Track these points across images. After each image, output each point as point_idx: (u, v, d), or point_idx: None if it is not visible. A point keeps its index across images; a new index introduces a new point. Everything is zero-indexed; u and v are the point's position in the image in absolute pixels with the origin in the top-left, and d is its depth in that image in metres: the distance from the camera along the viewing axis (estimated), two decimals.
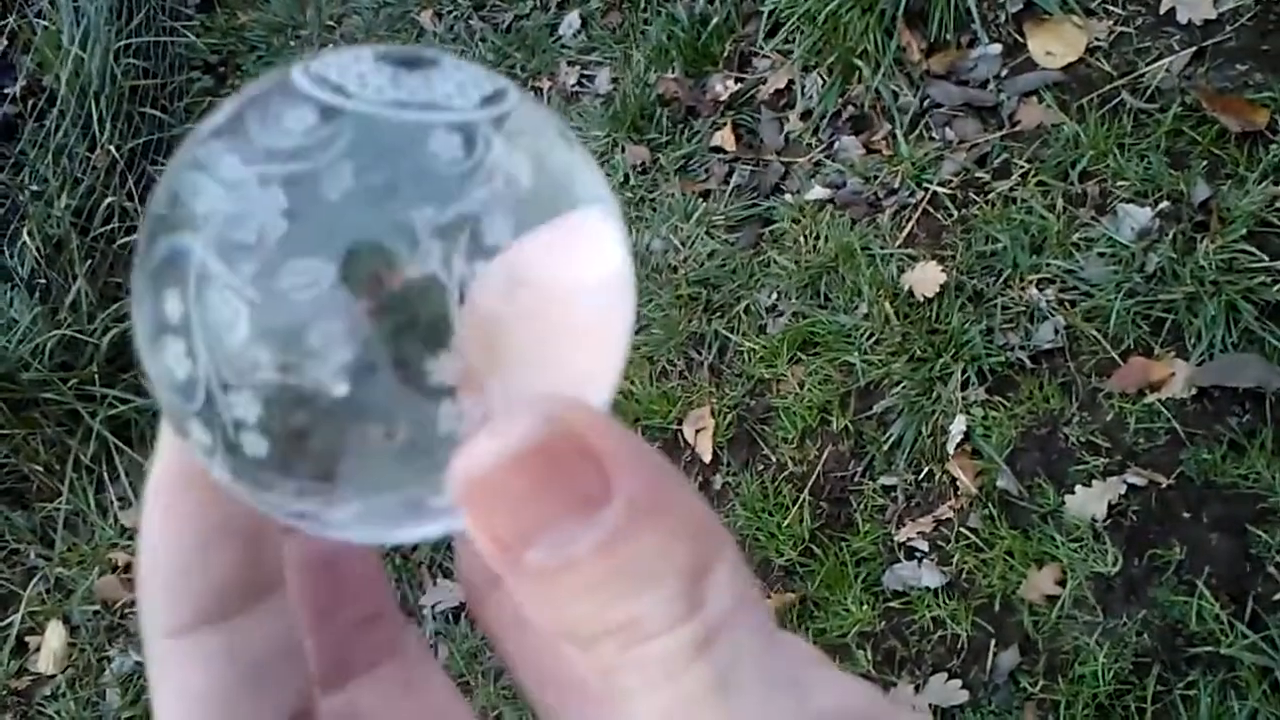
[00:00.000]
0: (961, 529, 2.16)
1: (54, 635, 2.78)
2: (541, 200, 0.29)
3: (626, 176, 2.90)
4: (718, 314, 2.60)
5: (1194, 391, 2.10)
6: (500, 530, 0.26)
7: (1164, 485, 2.06)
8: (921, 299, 2.39)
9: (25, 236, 3.03)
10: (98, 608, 2.78)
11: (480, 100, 0.29)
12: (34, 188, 3.14)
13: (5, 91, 3.36)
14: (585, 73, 3.20)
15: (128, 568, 2.82)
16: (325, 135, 0.27)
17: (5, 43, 3.51)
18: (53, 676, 2.74)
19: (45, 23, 3.44)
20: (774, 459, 2.38)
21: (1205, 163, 2.29)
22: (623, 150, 2.94)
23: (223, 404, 0.27)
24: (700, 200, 2.79)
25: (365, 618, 0.35)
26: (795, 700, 0.27)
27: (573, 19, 3.30)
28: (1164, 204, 2.27)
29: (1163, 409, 2.11)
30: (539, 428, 0.26)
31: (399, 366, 0.27)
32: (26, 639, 2.81)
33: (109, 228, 3.14)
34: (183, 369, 0.28)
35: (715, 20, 2.97)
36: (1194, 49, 2.42)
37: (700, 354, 2.57)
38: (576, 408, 0.27)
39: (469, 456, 0.26)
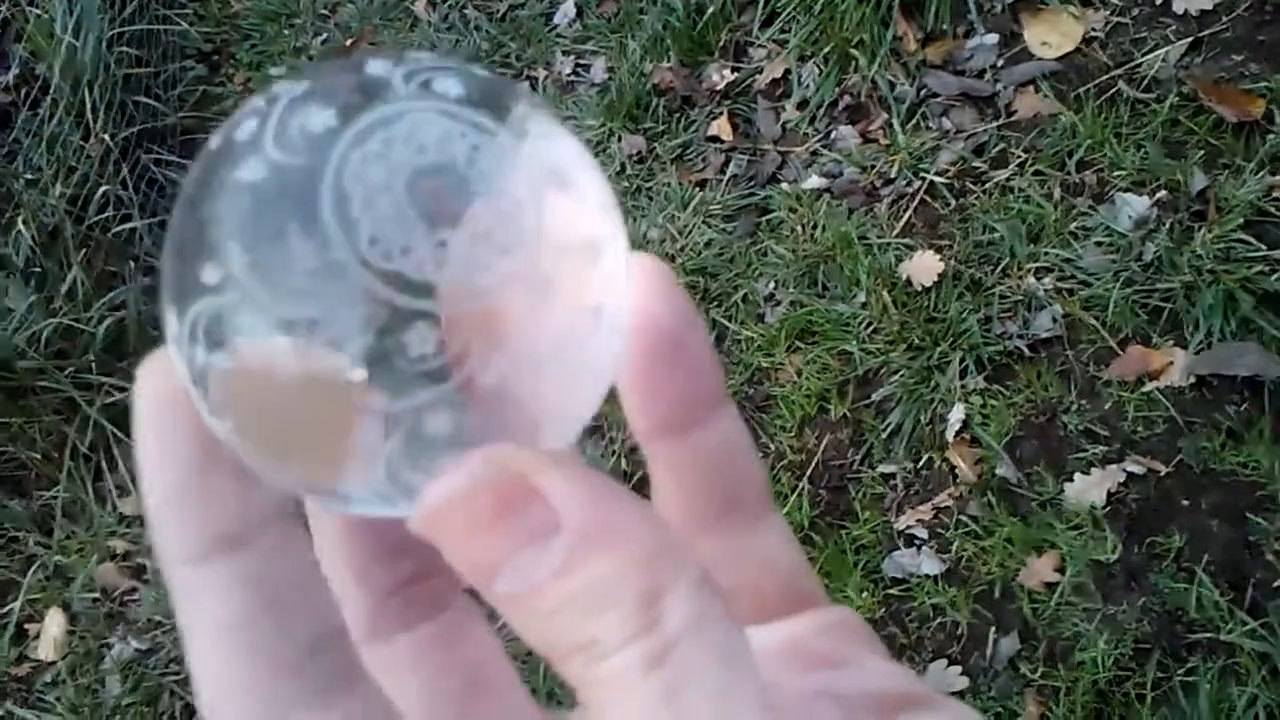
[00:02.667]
0: (961, 516, 2.16)
1: (54, 622, 2.77)
2: None
3: (623, 166, 2.90)
4: (715, 303, 2.60)
5: (1192, 380, 2.12)
6: (469, 560, 0.29)
7: (1163, 473, 2.07)
8: (919, 288, 2.40)
9: (20, 225, 3.02)
10: (97, 595, 2.77)
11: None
12: (28, 176, 3.13)
13: None
14: (580, 62, 3.20)
15: (126, 555, 2.82)
16: (331, 294, 0.28)
17: None
18: (53, 663, 2.73)
19: (38, 11, 3.42)
20: (773, 447, 2.39)
21: (1202, 152, 2.30)
22: (619, 140, 2.94)
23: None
24: (697, 189, 2.79)
25: (409, 577, 0.37)
26: (753, 715, 0.29)
27: (568, 8, 3.30)
28: (1161, 193, 2.29)
29: (1161, 397, 2.12)
30: (481, 470, 0.29)
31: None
32: (26, 626, 2.81)
33: (104, 216, 3.12)
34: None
35: (711, 9, 2.97)
36: (1190, 39, 2.43)
37: None
38: (520, 451, 0.30)
39: (425, 496, 0.30)
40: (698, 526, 0.39)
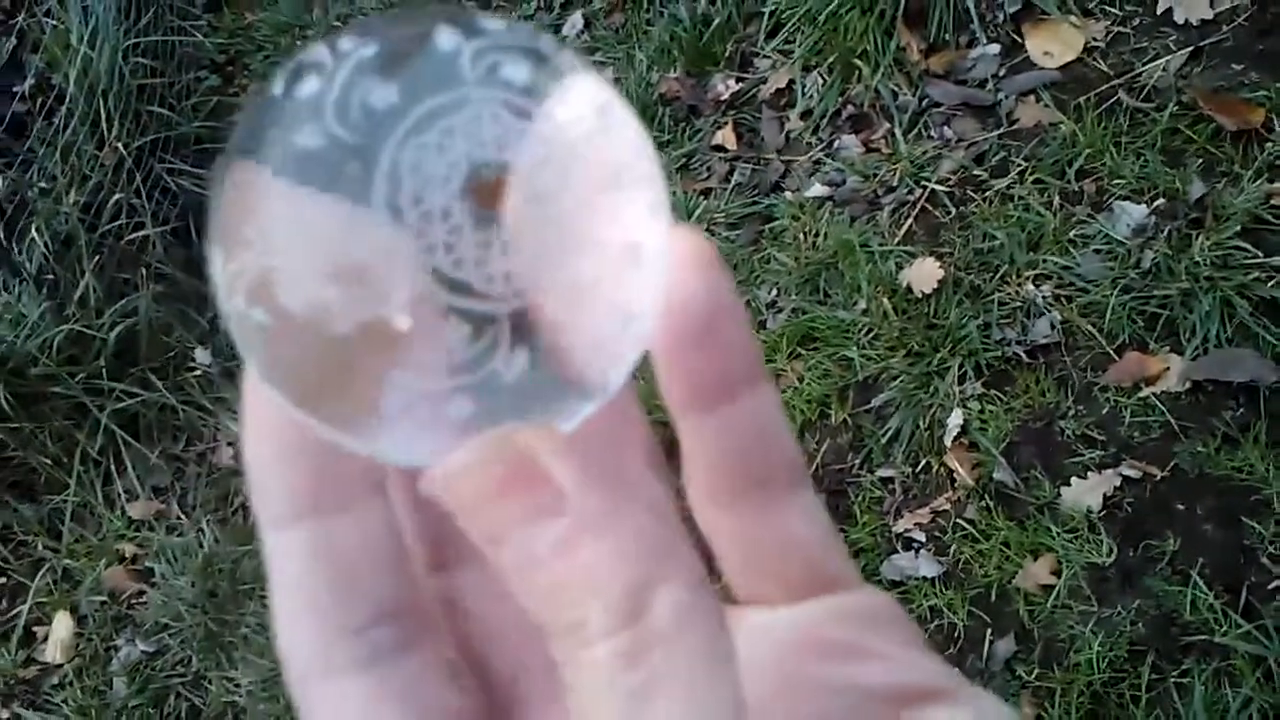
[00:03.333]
0: (958, 520, 2.17)
1: (61, 625, 2.79)
2: None
3: None
4: None
5: (1188, 386, 2.12)
6: (477, 528, 0.30)
7: (1159, 477, 2.08)
8: (919, 295, 2.41)
9: (34, 233, 3.04)
10: (105, 598, 2.79)
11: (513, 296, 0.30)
12: (43, 185, 3.15)
13: (15, 90, 3.37)
14: None
15: (134, 559, 2.83)
16: (372, 276, 0.29)
17: (14, 41, 3.51)
18: (60, 666, 2.75)
19: (54, 22, 3.44)
20: None
21: (1201, 161, 2.31)
22: None
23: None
24: (701, 198, 2.81)
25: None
26: None
27: (576, 20, 3.32)
28: (1160, 201, 2.29)
29: (1157, 403, 2.13)
30: (496, 445, 0.30)
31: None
32: (34, 629, 2.83)
33: (116, 224, 3.15)
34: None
35: (717, 21, 2.99)
36: (1190, 49, 2.44)
37: None
38: (537, 432, 0.31)
39: (442, 465, 0.31)
40: (720, 502, 0.39)
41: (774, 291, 2.58)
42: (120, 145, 3.21)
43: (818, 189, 2.67)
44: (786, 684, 0.37)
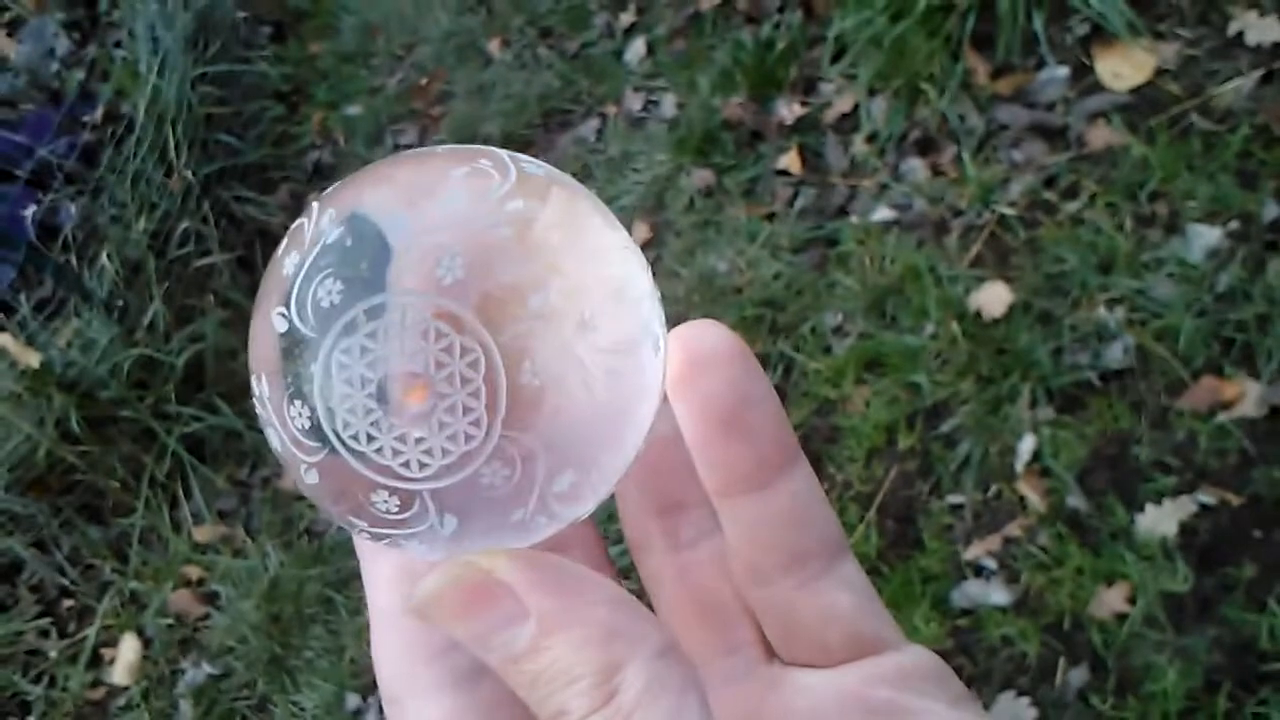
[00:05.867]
0: (1030, 547, 2.15)
1: (128, 648, 2.81)
2: None
3: (691, 200, 2.91)
4: (783, 335, 2.60)
5: (1266, 411, 2.09)
6: (459, 638, 0.34)
7: (1235, 504, 2.05)
8: (989, 319, 2.39)
9: (104, 259, 3.08)
10: (171, 621, 2.82)
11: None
12: (113, 212, 3.20)
13: (85, 120, 3.42)
14: (651, 98, 3.22)
15: (201, 582, 2.86)
16: (317, 451, 0.35)
17: (85, 73, 3.57)
18: (127, 688, 2.78)
19: (124, 53, 3.50)
20: (840, 479, 2.38)
21: (1275, 183, 2.28)
22: (688, 174, 2.96)
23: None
24: (765, 223, 2.80)
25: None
26: None
27: (639, 45, 3.33)
28: (1234, 224, 2.27)
29: (1234, 428, 2.10)
30: (455, 572, 0.35)
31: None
32: (102, 651, 2.85)
33: (185, 251, 3.19)
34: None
35: (780, 45, 2.99)
36: (1263, 71, 2.41)
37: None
38: (490, 553, 0.35)
39: (416, 591, 0.35)
40: (759, 580, 0.42)
41: (840, 316, 2.56)
42: (188, 173, 3.25)
43: (884, 213, 2.66)
44: None
